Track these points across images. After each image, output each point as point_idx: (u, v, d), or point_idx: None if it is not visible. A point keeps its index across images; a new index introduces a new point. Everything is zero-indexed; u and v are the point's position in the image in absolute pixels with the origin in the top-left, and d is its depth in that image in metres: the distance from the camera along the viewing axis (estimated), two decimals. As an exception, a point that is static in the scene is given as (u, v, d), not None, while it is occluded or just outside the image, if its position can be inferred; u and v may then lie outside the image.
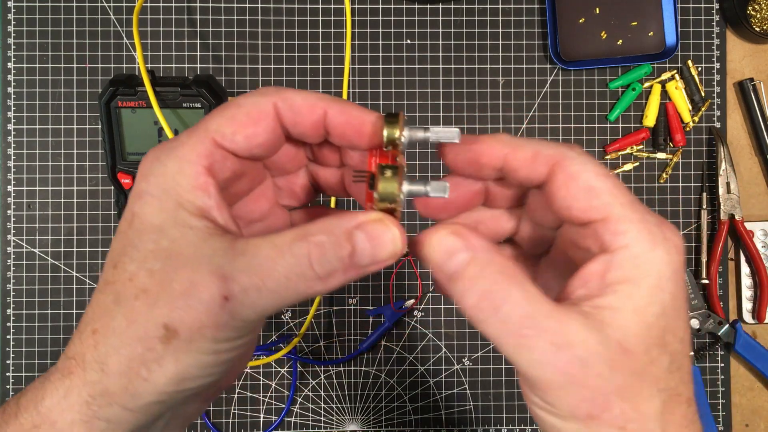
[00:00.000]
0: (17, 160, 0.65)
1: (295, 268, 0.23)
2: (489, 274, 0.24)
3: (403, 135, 0.26)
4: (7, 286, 0.65)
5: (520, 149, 0.26)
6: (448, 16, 0.67)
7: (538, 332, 0.23)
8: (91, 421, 0.24)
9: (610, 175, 0.25)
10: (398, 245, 0.24)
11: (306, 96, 0.26)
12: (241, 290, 0.23)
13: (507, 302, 0.23)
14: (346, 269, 0.24)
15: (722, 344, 0.67)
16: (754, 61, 0.68)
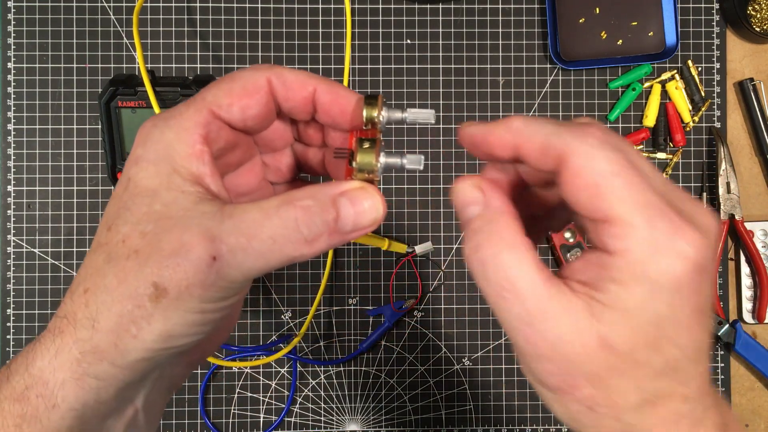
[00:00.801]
0: (17, 160, 0.65)
1: (281, 231, 0.24)
2: (488, 231, 0.25)
3: (381, 115, 0.27)
4: (7, 286, 0.65)
5: (529, 141, 0.25)
6: (448, 16, 0.67)
7: (513, 299, 0.24)
8: (82, 378, 0.25)
9: (626, 168, 0.23)
10: (379, 211, 0.26)
11: (297, 73, 0.27)
12: (229, 251, 0.24)
13: (493, 262, 0.24)
14: (331, 233, 0.25)
15: (722, 344, 0.67)
16: (754, 61, 0.68)
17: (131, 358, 0.25)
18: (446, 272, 0.67)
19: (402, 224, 0.67)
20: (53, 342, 0.25)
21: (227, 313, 0.26)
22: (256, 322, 0.66)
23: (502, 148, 0.26)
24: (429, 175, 0.67)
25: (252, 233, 0.24)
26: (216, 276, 0.24)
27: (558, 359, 0.24)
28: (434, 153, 0.67)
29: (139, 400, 0.28)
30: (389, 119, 0.28)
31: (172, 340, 0.25)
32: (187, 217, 0.24)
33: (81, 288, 0.25)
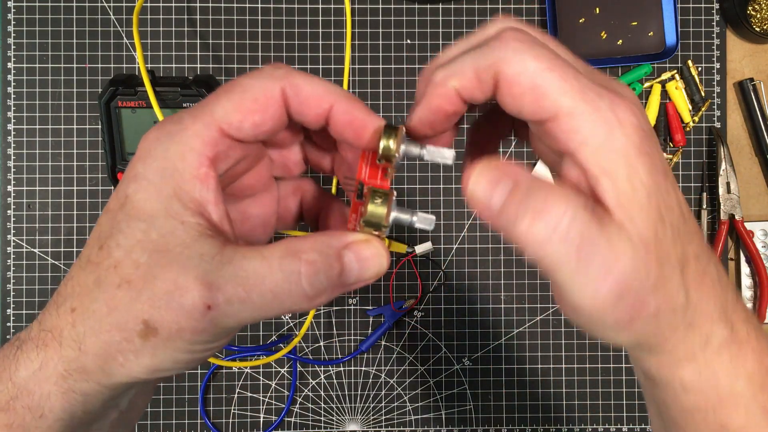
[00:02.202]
0: (17, 160, 0.65)
1: (283, 285, 0.23)
2: (537, 194, 0.23)
3: (398, 151, 0.26)
4: (7, 286, 0.65)
5: (462, 81, 0.25)
6: (448, 16, 0.67)
7: (595, 250, 0.23)
8: (68, 392, 0.24)
9: (554, 62, 0.23)
10: (383, 265, 0.25)
11: (315, 85, 0.26)
12: (225, 300, 0.23)
13: (563, 221, 0.23)
14: (334, 288, 0.24)
15: (722, 344, 0.67)
16: (754, 61, 0.68)
17: (117, 381, 0.24)
18: (446, 272, 0.67)
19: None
20: (37, 354, 0.25)
21: (217, 349, 0.26)
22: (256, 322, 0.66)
23: (450, 104, 0.25)
24: (429, 175, 0.67)
25: (252, 285, 0.23)
26: (209, 323, 0.23)
27: (633, 292, 0.23)
28: (434, 153, 0.67)
29: (124, 404, 0.28)
30: (406, 155, 0.26)
31: (159, 372, 0.24)
32: (184, 255, 0.23)
33: (68, 305, 0.24)
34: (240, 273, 0.23)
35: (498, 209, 0.24)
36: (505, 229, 0.24)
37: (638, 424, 0.67)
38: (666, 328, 0.25)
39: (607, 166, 0.23)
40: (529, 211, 0.23)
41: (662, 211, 0.24)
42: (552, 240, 0.23)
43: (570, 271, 0.23)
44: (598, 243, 0.23)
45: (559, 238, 0.23)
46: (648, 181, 0.23)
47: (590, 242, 0.23)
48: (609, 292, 0.23)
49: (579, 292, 0.23)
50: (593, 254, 0.23)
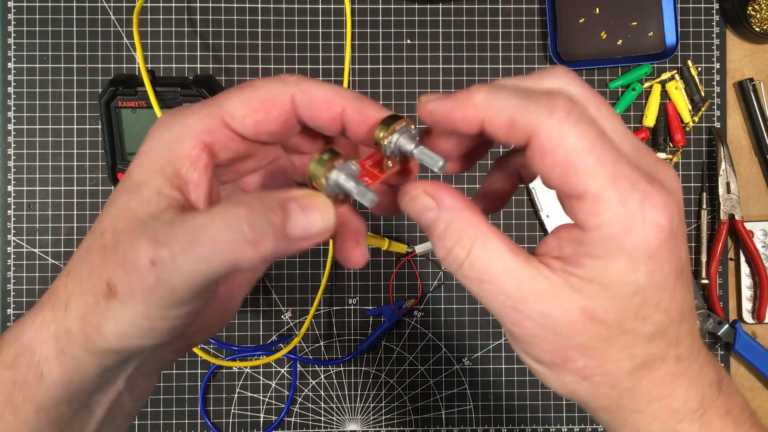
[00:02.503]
0: (17, 160, 0.65)
1: (224, 231, 0.22)
2: (452, 231, 0.25)
3: (387, 140, 0.26)
4: (7, 286, 0.65)
5: (495, 116, 0.24)
6: (448, 16, 0.67)
7: (494, 288, 0.24)
8: (61, 355, 0.25)
9: (596, 143, 0.23)
10: (330, 220, 0.24)
11: (326, 90, 0.26)
12: (169, 255, 0.23)
13: (467, 260, 0.24)
14: (277, 236, 0.23)
15: (722, 344, 0.67)
16: (754, 61, 0.68)
17: (98, 347, 0.25)
18: (446, 272, 0.67)
19: (402, 224, 0.67)
20: (38, 314, 0.26)
21: (187, 321, 0.25)
22: (256, 322, 0.66)
23: (466, 124, 0.25)
24: (429, 175, 0.67)
25: (195, 236, 0.23)
26: (156, 281, 0.23)
27: (548, 337, 0.24)
28: (434, 153, 0.67)
29: (121, 382, 0.28)
30: (398, 147, 0.26)
31: (128, 340, 0.24)
32: (148, 221, 0.24)
33: (67, 269, 0.26)
34: (185, 229, 0.23)
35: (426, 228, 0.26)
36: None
37: (638, 424, 0.67)
38: (603, 399, 0.25)
39: (604, 256, 0.23)
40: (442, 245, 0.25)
41: (645, 311, 0.24)
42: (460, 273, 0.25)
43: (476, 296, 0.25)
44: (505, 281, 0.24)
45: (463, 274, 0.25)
46: (643, 283, 0.23)
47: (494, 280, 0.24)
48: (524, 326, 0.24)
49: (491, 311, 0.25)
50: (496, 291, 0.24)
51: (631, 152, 0.24)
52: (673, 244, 0.23)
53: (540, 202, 0.66)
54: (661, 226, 0.23)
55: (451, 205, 0.25)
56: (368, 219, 0.66)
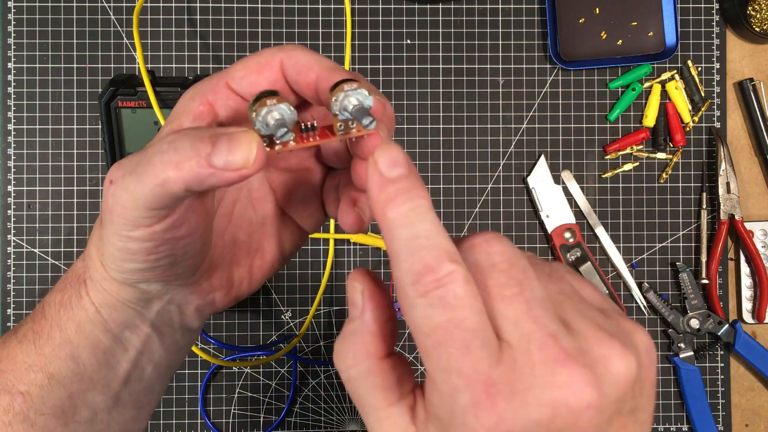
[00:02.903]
0: (17, 160, 0.65)
1: (156, 154, 0.25)
2: (349, 342, 0.26)
3: (334, 97, 0.26)
4: (7, 286, 0.65)
5: (386, 241, 0.23)
6: (448, 16, 0.67)
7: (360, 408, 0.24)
8: (90, 281, 0.31)
9: (442, 329, 0.21)
10: (250, 154, 0.25)
11: (309, 57, 0.28)
12: (121, 176, 0.26)
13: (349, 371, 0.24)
14: (200, 163, 0.25)
15: (722, 344, 0.67)
16: (754, 61, 0.68)
17: (108, 276, 0.29)
18: (446, 272, 0.67)
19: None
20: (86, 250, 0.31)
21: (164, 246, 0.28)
22: (256, 322, 0.66)
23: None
24: (429, 176, 0.67)
25: (139, 159, 0.26)
26: (113, 200, 0.26)
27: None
28: (434, 153, 0.67)
29: (146, 325, 0.32)
30: (344, 107, 0.26)
31: (117, 263, 0.28)
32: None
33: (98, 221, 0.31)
34: (138, 155, 0.27)
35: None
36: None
37: (638, 424, 0.67)
38: None
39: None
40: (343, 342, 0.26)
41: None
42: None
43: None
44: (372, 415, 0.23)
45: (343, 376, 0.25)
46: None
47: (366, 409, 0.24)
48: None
49: None
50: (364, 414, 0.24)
51: (515, 341, 0.21)
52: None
53: (540, 202, 0.66)
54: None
55: (367, 320, 0.25)
56: (368, 219, 0.66)
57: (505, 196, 0.67)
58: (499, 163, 0.67)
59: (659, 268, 0.68)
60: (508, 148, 0.67)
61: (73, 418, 0.31)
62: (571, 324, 0.21)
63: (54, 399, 0.31)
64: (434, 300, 0.20)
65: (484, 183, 0.67)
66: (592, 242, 0.67)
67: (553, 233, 0.66)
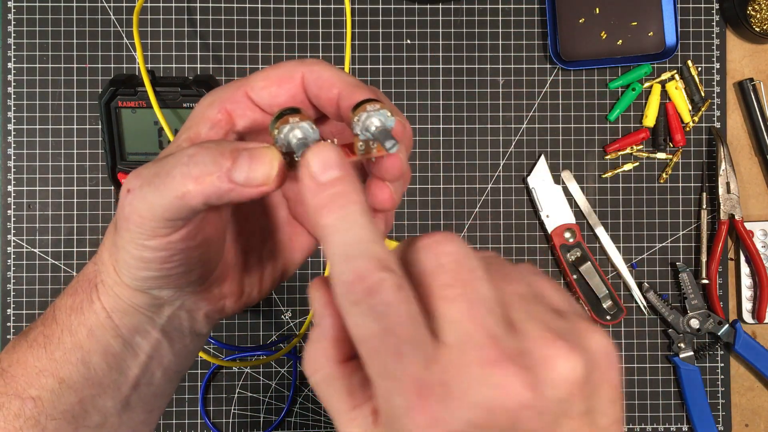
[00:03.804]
0: (17, 160, 0.65)
1: (177, 165, 0.25)
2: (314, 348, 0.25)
3: (356, 118, 0.26)
4: (7, 286, 0.65)
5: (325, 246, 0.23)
6: (448, 16, 0.67)
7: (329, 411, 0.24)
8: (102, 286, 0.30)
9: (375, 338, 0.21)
10: (271, 172, 0.25)
11: (331, 73, 0.28)
12: (139, 185, 0.26)
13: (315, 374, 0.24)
14: (221, 178, 0.25)
15: (722, 344, 0.67)
16: (754, 61, 0.68)
17: (121, 281, 0.29)
18: (446, 272, 0.67)
19: (402, 224, 0.67)
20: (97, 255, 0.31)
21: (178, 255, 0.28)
22: (256, 322, 0.66)
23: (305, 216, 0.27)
24: (429, 175, 0.67)
25: (158, 169, 0.26)
26: (130, 208, 0.26)
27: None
28: (434, 153, 0.67)
29: (157, 331, 0.31)
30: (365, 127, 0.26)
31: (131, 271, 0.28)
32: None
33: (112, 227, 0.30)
34: (156, 164, 0.26)
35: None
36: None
37: (638, 424, 0.67)
38: None
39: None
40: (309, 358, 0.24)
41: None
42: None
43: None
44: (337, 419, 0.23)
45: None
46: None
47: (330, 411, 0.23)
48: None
49: None
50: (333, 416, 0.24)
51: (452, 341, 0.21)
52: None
53: (540, 202, 0.66)
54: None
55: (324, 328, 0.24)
56: (368, 219, 0.66)
57: (505, 196, 0.67)
58: (499, 163, 0.67)
59: (659, 268, 0.68)
60: (508, 148, 0.67)
61: (83, 423, 0.31)
62: (517, 324, 0.21)
63: (65, 404, 0.30)
64: (365, 309, 0.21)
65: (484, 183, 0.67)
66: (592, 242, 0.67)
67: (553, 233, 0.66)
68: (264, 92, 0.28)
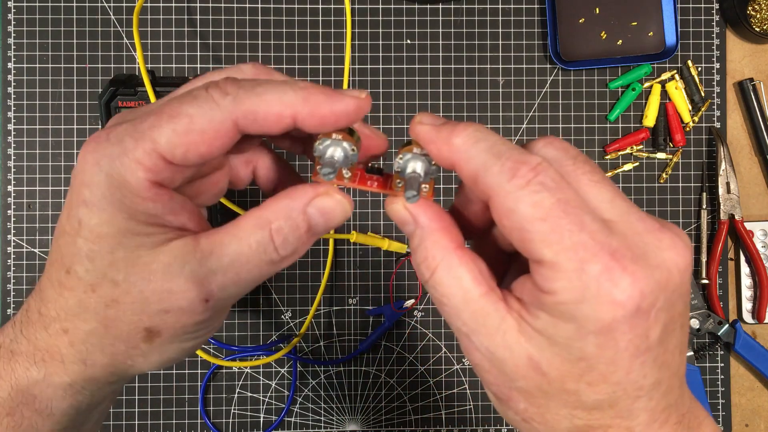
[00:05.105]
0: (17, 160, 0.65)
1: (261, 256, 0.25)
2: (423, 248, 0.25)
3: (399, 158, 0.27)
4: (7, 286, 0.65)
5: (464, 165, 0.24)
6: (448, 16, 0.67)
7: (450, 311, 0.24)
8: (76, 394, 0.27)
9: (553, 212, 0.22)
10: (347, 211, 0.26)
11: (271, 105, 0.24)
12: (219, 289, 0.25)
13: (431, 278, 0.25)
14: (304, 243, 0.26)
15: (722, 344, 0.67)
16: (754, 61, 0.68)
17: (127, 378, 0.27)
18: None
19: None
20: (38, 368, 0.26)
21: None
22: (256, 322, 0.66)
23: (441, 159, 0.25)
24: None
25: (237, 267, 0.25)
26: (211, 312, 0.25)
27: (494, 371, 0.24)
28: (434, 153, 0.67)
29: (109, 398, 0.30)
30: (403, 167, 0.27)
31: (169, 363, 0.27)
32: (161, 262, 0.24)
33: (57, 326, 0.26)
34: (224, 260, 0.25)
35: (408, 236, 0.26)
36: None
37: (638, 424, 0.67)
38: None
39: (557, 317, 0.23)
40: (415, 257, 0.26)
41: (592, 377, 0.23)
42: (426, 286, 0.25)
43: (443, 317, 0.25)
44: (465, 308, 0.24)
45: (428, 288, 0.25)
46: (591, 353, 0.22)
47: (454, 302, 0.24)
48: (475, 355, 0.25)
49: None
50: (455, 314, 0.24)
51: (617, 218, 0.23)
52: (637, 322, 0.22)
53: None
54: (618, 303, 0.21)
55: (424, 224, 0.25)
56: (368, 219, 0.66)
57: (505, 196, 0.67)
58: (499, 163, 0.67)
59: (659, 268, 0.67)
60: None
61: None
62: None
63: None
64: (537, 186, 0.22)
65: (484, 183, 0.67)
66: (592, 242, 0.67)
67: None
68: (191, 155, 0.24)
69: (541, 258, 0.22)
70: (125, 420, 0.65)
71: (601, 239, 0.22)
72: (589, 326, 0.22)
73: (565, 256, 0.22)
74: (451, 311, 0.24)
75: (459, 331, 0.25)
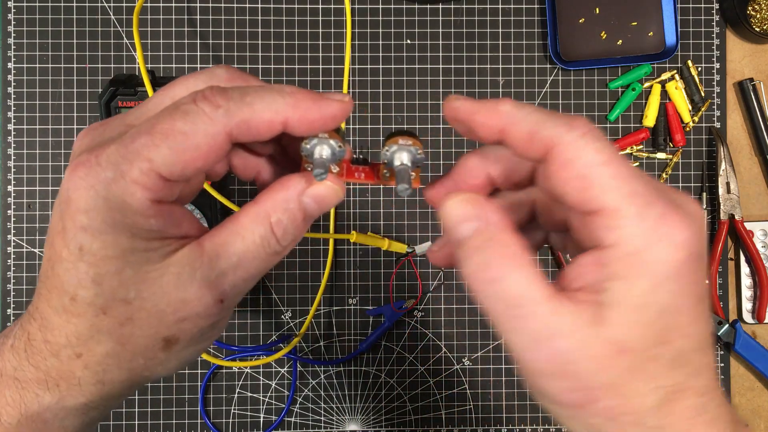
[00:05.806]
0: (17, 160, 0.65)
1: (266, 249, 0.26)
2: (491, 246, 0.24)
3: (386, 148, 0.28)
4: (7, 286, 0.65)
5: (517, 126, 0.25)
6: (448, 16, 0.67)
7: (527, 316, 0.23)
8: (89, 412, 0.27)
9: (614, 159, 0.23)
10: (339, 195, 0.27)
11: (263, 113, 0.25)
12: (232, 287, 0.26)
13: (503, 279, 0.23)
14: (302, 231, 0.27)
15: (722, 344, 0.67)
16: (754, 61, 0.68)
17: (144, 385, 0.28)
18: (446, 272, 0.67)
19: (402, 224, 0.67)
20: (51, 394, 0.26)
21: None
22: (256, 322, 0.66)
23: (487, 129, 0.25)
24: (429, 175, 0.67)
25: (244, 264, 0.26)
26: (226, 311, 0.26)
27: (571, 376, 0.23)
28: (434, 153, 0.67)
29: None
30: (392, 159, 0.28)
31: (186, 365, 0.28)
32: (171, 274, 0.25)
33: (69, 352, 0.25)
34: (232, 260, 0.25)
35: (457, 242, 0.25)
36: (459, 261, 0.25)
37: (638, 424, 0.67)
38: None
39: (627, 275, 0.23)
40: (476, 260, 0.24)
41: (669, 334, 0.23)
42: (487, 294, 0.24)
43: (502, 324, 0.24)
44: (537, 312, 0.23)
45: (494, 295, 0.24)
46: (666, 303, 0.23)
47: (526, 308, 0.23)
48: (546, 363, 0.23)
49: (513, 345, 0.24)
50: (526, 320, 0.23)
51: (647, 177, 0.24)
52: (695, 267, 0.23)
53: (540, 202, 0.66)
54: (683, 246, 0.23)
55: (497, 221, 0.25)
56: (368, 219, 0.66)
57: (505, 196, 0.67)
58: (499, 163, 0.67)
59: (659, 268, 0.67)
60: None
61: None
62: None
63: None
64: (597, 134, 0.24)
65: (484, 183, 0.67)
66: (592, 242, 0.67)
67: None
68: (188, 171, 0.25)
69: (603, 205, 0.23)
70: (125, 420, 0.65)
71: (652, 188, 0.23)
72: (660, 271, 0.23)
73: (627, 201, 0.23)
74: (524, 319, 0.23)
75: (530, 340, 0.23)
